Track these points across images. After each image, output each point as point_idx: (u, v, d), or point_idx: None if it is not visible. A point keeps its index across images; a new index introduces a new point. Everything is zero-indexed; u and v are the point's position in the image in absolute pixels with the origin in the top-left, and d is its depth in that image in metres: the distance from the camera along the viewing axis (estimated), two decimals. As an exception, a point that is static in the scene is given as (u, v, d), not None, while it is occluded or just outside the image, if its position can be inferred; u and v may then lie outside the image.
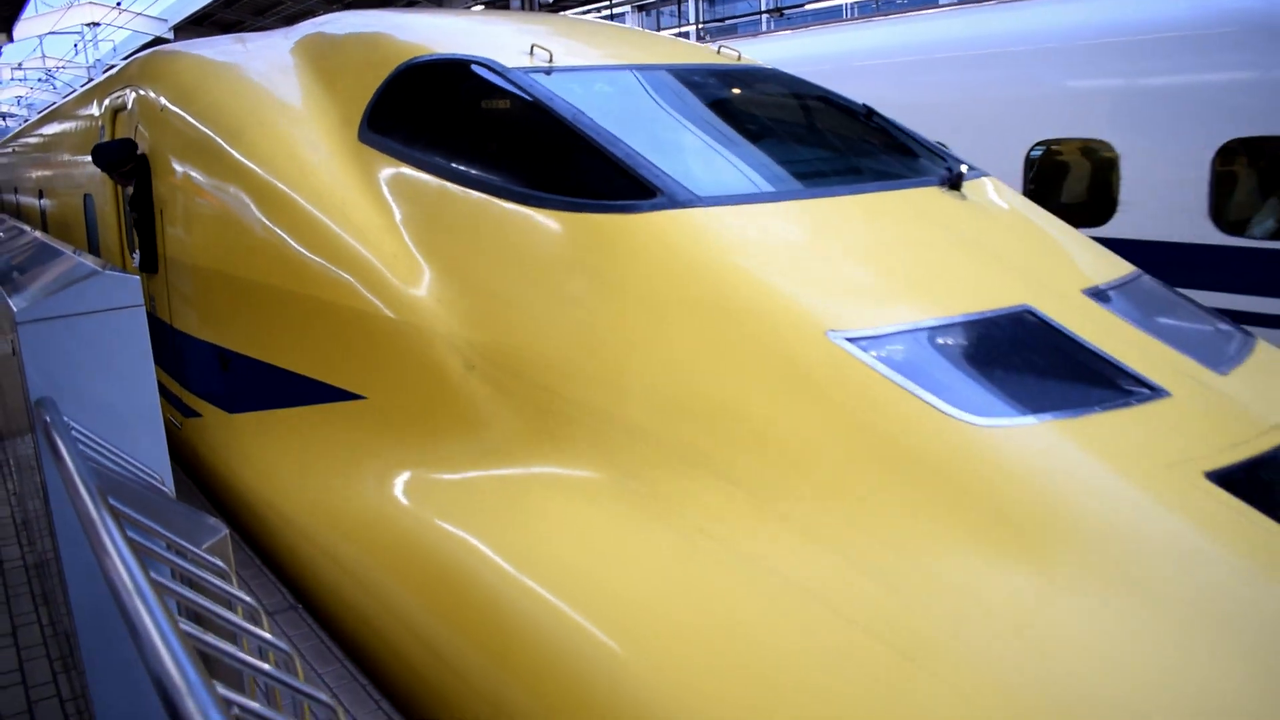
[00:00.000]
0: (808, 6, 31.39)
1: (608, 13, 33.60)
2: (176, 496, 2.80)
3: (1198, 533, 2.43)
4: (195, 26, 38.92)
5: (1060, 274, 3.63)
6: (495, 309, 3.62)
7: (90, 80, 38.57)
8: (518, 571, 2.82)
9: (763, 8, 35.27)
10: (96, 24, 41.52)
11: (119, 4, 38.84)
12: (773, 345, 2.96)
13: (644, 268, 3.32)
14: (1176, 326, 3.58)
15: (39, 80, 56.46)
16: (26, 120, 20.98)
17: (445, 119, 4.36)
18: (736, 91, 4.67)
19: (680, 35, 24.98)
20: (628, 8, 38.32)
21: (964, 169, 4.17)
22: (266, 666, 1.57)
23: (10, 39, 38.47)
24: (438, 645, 2.94)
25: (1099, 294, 3.46)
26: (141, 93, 5.95)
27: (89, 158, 5.86)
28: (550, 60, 4.22)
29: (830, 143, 4.64)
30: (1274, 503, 2.53)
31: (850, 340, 2.88)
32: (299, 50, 5.31)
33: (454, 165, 4.02)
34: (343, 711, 1.86)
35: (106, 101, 6.91)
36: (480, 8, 27.15)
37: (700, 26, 34.73)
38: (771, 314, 3.03)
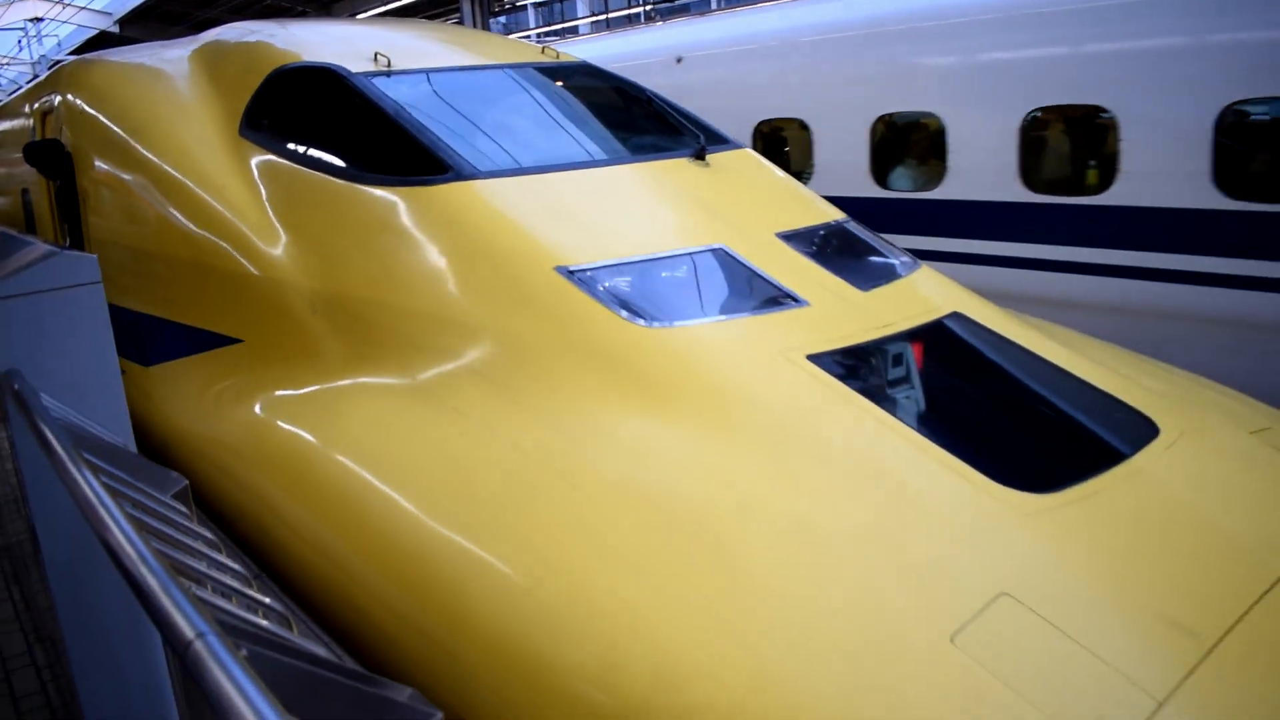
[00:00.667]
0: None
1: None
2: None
3: (781, 391, 3.48)
4: (140, 21, 38.47)
5: (763, 222, 4.52)
6: (329, 264, 4.60)
7: (35, 77, 37.92)
8: (329, 448, 3.85)
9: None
10: (40, 19, 40.88)
11: (61, 2, 38.27)
12: (515, 277, 4.00)
13: (431, 227, 4.30)
14: (844, 258, 4.55)
15: (-18, 78, 55.51)
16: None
17: (302, 116, 5.24)
18: (542, 85, 5.54)
19: (633, 14, 25.00)
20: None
21: (717, 143, 5.24)
22: (228, 579, 1.77)
23: (-49, 37, 37.90)
24: (279, 508, 3.87)
25: (789, 236, 4.40)
26: (65, 97, 6.71)
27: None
28: (389, 65, 5.12)
29: (611, 125, 5.53)
30: (851, 374, 3.58)
31: (569, 271, 3.90)
32: (196, 57, 6.21)
33: (305, 153, 4.98)
34: (294, 621, 2.06)
35: (36, 105, 7.76)
36: (372, 13, 26.91)
37: (652, 7, 34.78)
38: (516, 255, 4.07)
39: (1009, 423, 3.71)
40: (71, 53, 44.68)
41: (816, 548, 2.90)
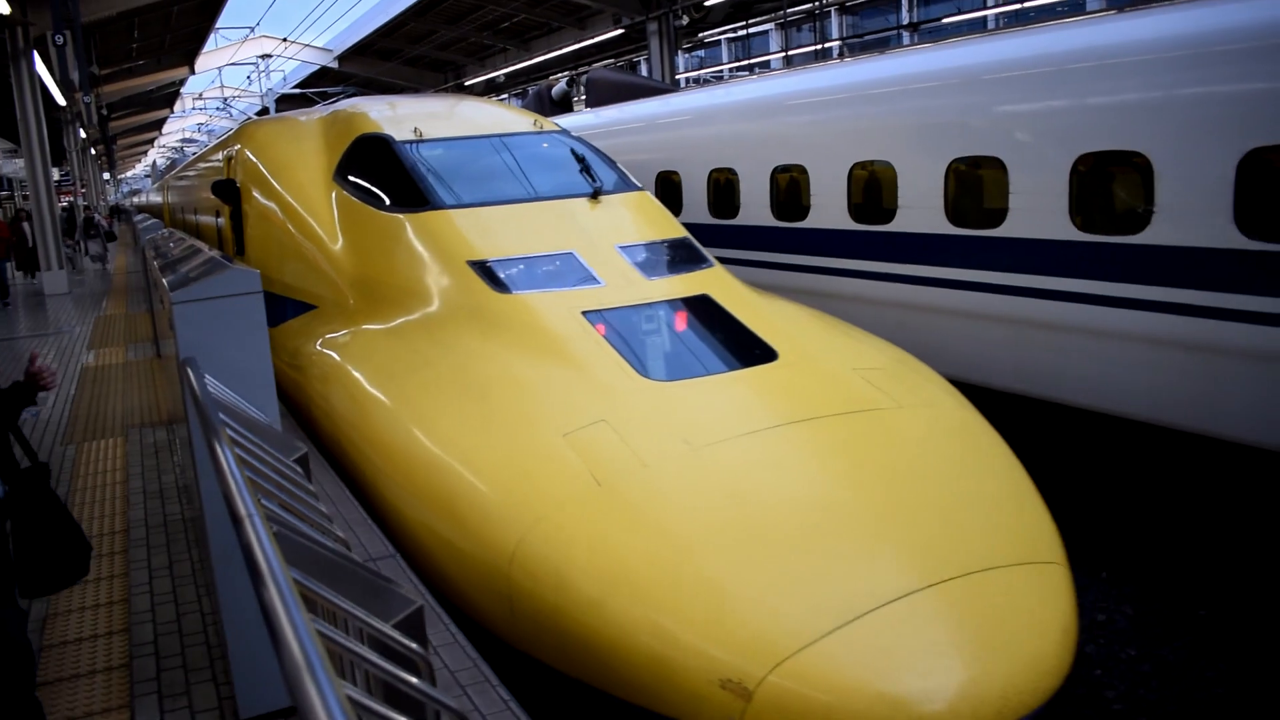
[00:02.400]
0: (945, 21, 31.44)
1: (744, 32, 34.20)
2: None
3: (553, 327, 5.76)
4: (358, 57, 41.39)
5: (612, 238, 6.81)
6: (360, 260, 7.56)
7: (263, 109, 40.97)
8: (344, 359, 6.65)
9: (902, 22, 35.29)
10: (268, 56, 44.46)
11: (285, 40, 41.53)
12: (444, 265, 6.65)
13: (413, 237, 7.00)
14: (653, 259, 6.72)
15: (216, 109, 60.50)
16: (205, 145, 23.58)
17: (364, 167, 7.96)
18: (515, 147, 7.96)
19: (822, 51, 25.41)
20: (770, 26, 38.82)
21: (623, 189, 7.73)
22: (328, 543, 2.31)
23: (192, 71, 41.69)
24: (320, 393, 6.69)
25: (624, 247, 6.72)
26: (239, 148, 9.73)
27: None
28: (420, 135, 7.88)
29: (545, 174, 7.64)
30: (601, 321, 5.81)
31: (470, 261, 6.51)
32: (321, 123, 9.09)
33: (361, 190, 7.81)
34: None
35: (223, 153, 11.02)
36: (563, 50, 28.16)
37: (842, 42, 35.02)
38: (448, 252, 6.69)
39: (682, 348, 5.97)
40: (295, 86, 48.32)
41: (521, 391, 5.33)
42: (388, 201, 7.42)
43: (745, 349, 5.70)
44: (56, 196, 23.34)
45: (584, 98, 18.92)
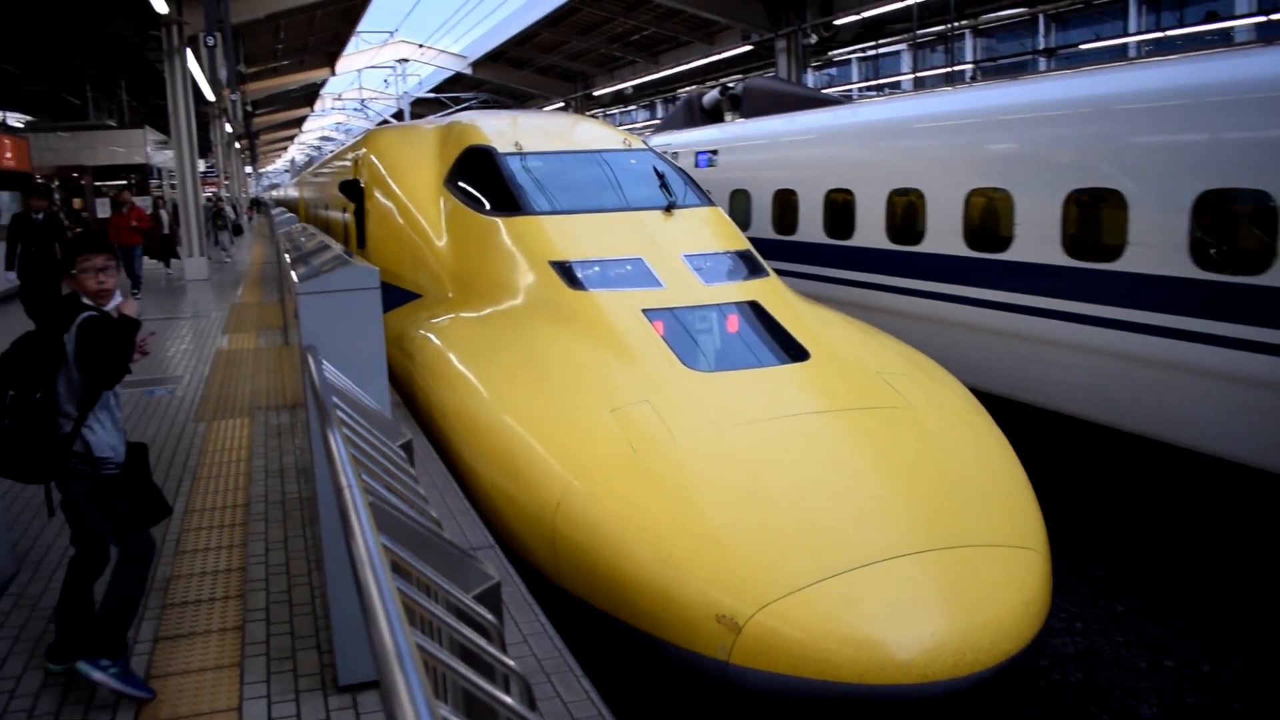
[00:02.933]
0: (1082, 47, 30.66)
1: (873, 53, 33.92)
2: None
3: (616, 323, 6.57)
4: (490, 64, 42.45)
5: (677, 246, 7.55)
6: (463, 257, 8.52)
7: (399, 111, 42.11)
8: (441, 342, 7.49)
9: (1038, 47, 34.53)
10: (405, 60, 45.87)
11: (421, 45, 42.79)
12: (529, 264, 7.55)
13: (506, 239, 7.92)
14: (714, 268, 7.42)
15: (354, 109, 62.60)
16: (342, 144, 24.68)
17: (470, 175, 8.92)
18: (602, 163, 8.85)
19: (954, 73, 25.07)
20: (902, 46, 38.45)
21: (697, 203, 8.60)
22: (405, 485, 2.52)
23: (333, 72, 43.33)
24: (419, 371, 7.53)
25: (689, 255, 7.44)
26: (365, 152, 11.07)
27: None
28: (519, 147, 8.84)
29: (627, 188, 8.45)
30: (658, 318, 6.61)
31: (553, 262, 7.35)
32: (438, 131, 10.20)
33: (465, 195, 8.81)
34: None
35: (351, 156, 12.55)
36: (690, 65, 28.32)
37: (975, 65, 34.47)
38: (532, 253, 7.58)
39: (725, 345, 6.68)
40: (430, 91, 49.68)
41: (581, 372, 6.17)
42: (487, 206, 8.37)
43: (781, 349, 6.49)
44: (201, 187, 24.42)
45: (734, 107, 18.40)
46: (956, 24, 27.62)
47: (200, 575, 5.16)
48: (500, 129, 9.29)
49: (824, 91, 20.82)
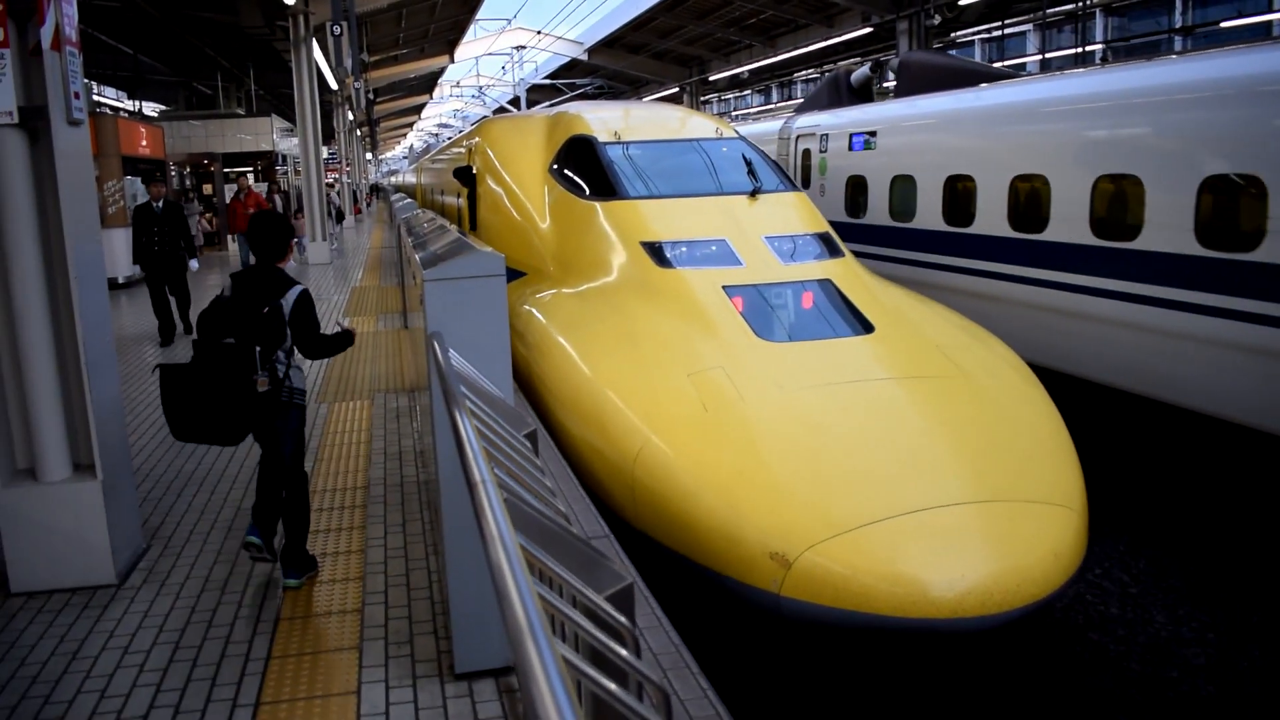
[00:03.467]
0: (1223, 25, 29.21)
1: (999, 33, 32.89)
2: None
3: (697, 298, 7.10)
4: (606, 50, 42.52)
5: (759, 229, 8.00)
6: (564, 238, 9.06)
7: (515, 98, 42.48)
8: (544, 316, 7.97)
9: (1174, 25, 33.02)
10: (522, 47, 46.27)
11: (539, 32, 43.08)
12: (622, 243, 8.06)
13: (604, 221, 8.45)
14: (792, 248, 7.86)
15: (472, 96, 63.49)
16: (459, 131, 24.94)
17: (573, 162, 9.51)
18: (695, 151, 9.38)
19: (1084, 54, 24.13)
20: (1028, 26, 37.18)
21: (781, 188, 9.01)
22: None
23: (452, 60, 43.96)
24: (524, 344, 7.85)
25: (770, 237, 7.89)
26: (478, 140, 11.99)
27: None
28: (618, 136, 9.43)
29: (717, 175, 8.96)
30: (737, 294, 7.08)
31: (644, 242, 7.88)
32: (545, 120, 10.86)
33: (568, 180, 9.40)
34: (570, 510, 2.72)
35: (465, 144, 13.64)
36: (804, 50, 27.70)
37: (1106, 45, 33.13)
38: (625, 234, 8.11)
39: (797, 319, 7.10)
40: (545, 77, 50.04)
41: (664, 341, 6.68)
42: (587, 190, 9.00)
43: (849, 323, 6.97)
44: (324, 173, 25.04)
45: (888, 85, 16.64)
46: (1088, 2, 26.50)
47: (321, 556, 5.22)
48: (602, 119, 9.92)
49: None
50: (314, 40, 22.76)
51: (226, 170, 29.52)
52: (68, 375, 4.89)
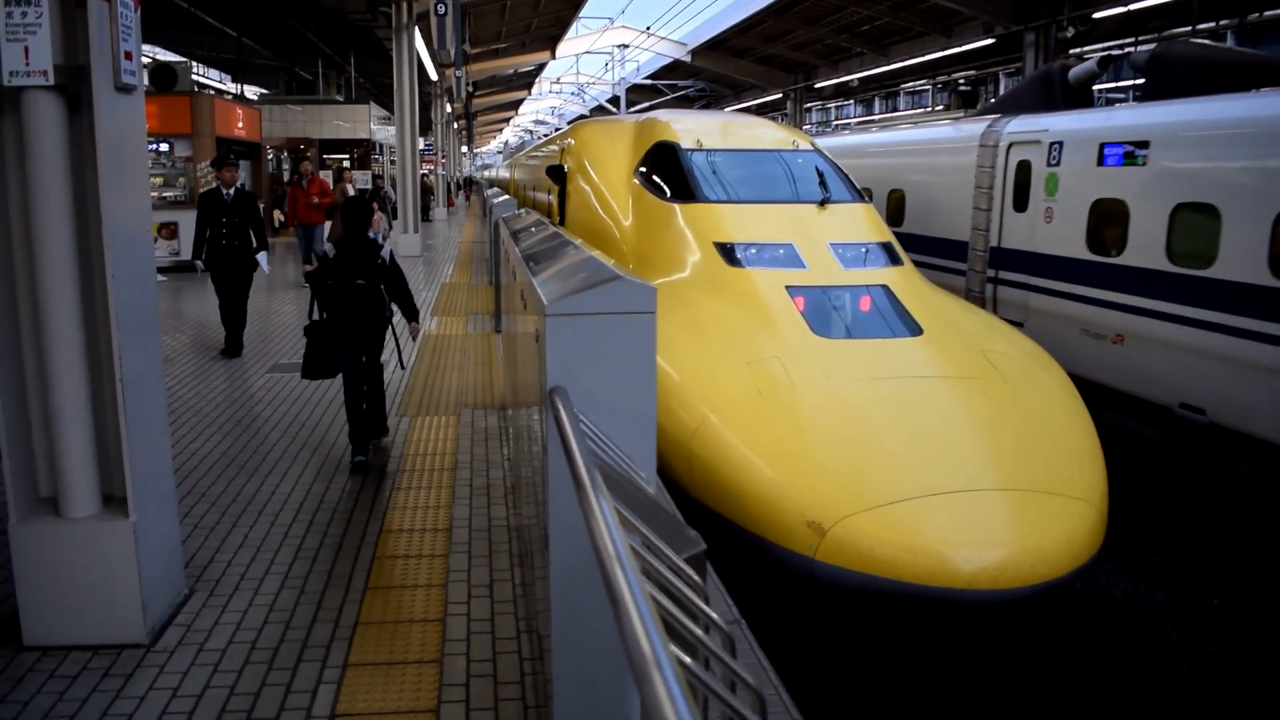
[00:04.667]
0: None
1: (1131, 50, 31.08)
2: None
3: (762, 295, 7.70)
4: (710, 53, 41.50)
5: (825, 236, 8.46)
6: (644, 237, 9.60)
7: (614, 98, 42.05)
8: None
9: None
10: (625, 46, 45.50)
11: (646, 31, 42.22)
12: (696, 243, 8.65)
13: (679, 221, 9.01)
14: (855, 255, 8.30)
15: (570, 94, 62.97)
16: (555, 128, 24.35)
17: (656, 166, 10.01)
18: (771, 160, 9.85)
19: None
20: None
21: (849, 198, 9.50)
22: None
23: (553, 56, 43.37)
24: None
25: (835, 244, 8.34)
26: (570, 141, 12.70)
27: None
28: (700, 144, 9.91)
29: (790, 184, 9.41)
30: (798, 294, 7.65)
31: (716, 243, 8.45)
32: (635, 127, 11.29)
33: (651, 183, 9.92)
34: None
35: (558, 144, 14.31)
36: (925, 59, 26.24)
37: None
38: (699, 234, 8.69)
39: (852, 319, 7.54)
40: (646, 77, 49.25)
41: (728, 333, 7.25)
42: (668, 193, 9.55)
43: (899, 325, 7.43)
44: (420, 164, 24.46)
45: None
46: (1243, 19, 24.69)
47: (394, 624, 4.34)
48: (687, 127, 10.44)
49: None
50: (416, 28, 22.18)
51: (325, 156, 29.19)
52: (102, 391, 4.06)
